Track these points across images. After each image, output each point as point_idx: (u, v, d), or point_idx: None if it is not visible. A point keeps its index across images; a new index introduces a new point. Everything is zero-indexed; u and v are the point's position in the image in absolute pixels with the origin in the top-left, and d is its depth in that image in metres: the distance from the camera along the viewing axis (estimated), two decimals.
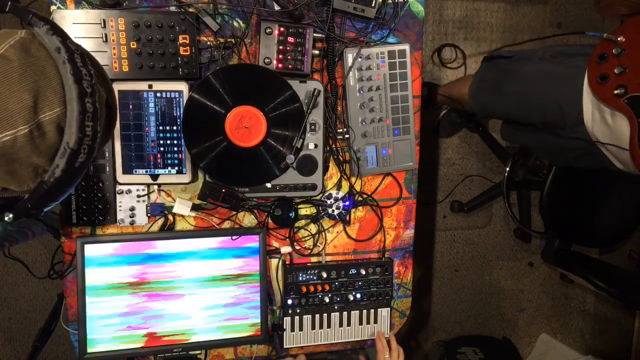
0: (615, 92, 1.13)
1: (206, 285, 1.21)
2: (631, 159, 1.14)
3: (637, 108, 1.10)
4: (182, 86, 1.10)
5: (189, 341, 1.22)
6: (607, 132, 1.21)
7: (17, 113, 0.53)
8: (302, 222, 1.28)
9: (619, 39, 1.14)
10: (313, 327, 1.29)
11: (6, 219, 0.60)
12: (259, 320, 1.25)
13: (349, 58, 1.19)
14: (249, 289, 1.23)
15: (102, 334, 1.16)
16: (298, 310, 1.27)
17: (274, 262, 1.28)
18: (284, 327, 1.27)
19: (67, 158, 0.57)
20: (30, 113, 0.54)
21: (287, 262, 1.28)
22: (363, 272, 1.28)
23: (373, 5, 1.16)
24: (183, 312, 1.20)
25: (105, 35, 1.06)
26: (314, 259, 1.30)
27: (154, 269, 1.17)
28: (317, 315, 1.29)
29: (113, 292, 1.16)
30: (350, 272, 1.28)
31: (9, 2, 0.60)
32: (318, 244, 1.30)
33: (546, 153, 1.61)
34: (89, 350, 1.15)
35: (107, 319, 1.16)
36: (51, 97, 0.56)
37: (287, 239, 1.27)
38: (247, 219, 1.25)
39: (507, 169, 2.17)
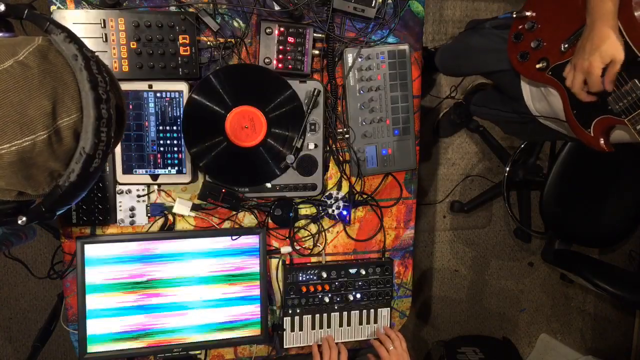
0: (538, 66, 1.11)
1: (206, 285, 1.21)
2: (572, 131, 1.11)
3: (563, 77, 1.06)
4: (182, 86, 1.10)
5: (189, 341, 1.22)
6: (547, 106, 1.20)
7: (36, 119, 0.54)
8: (302, 222, 1.28)
9: (527, 14, 1.13)
10: (313, 327, 1.29)
11: (20, 222, 0.60)
12: (259, 320, 1.25)
13: (349, 58, 1.19)
14: (249, 289, 1.23)
15: (102, 333, 1.16)
16: (298, 310, 1.27)
17: (274, 262, 1.28)
18: (284, 327, 1.27)
19: (82, 163, 0.58)
20: (49, 119, 0.54)
21: (287, 262, 1.28)
22: (363, 272, 1.28)
23: (373, 5, 1.16)
24: (183, 312, 1.20)
25: (105, 35, 1.06)
26: (314, 259, 1.30)
27: (154, 269, 1.17)
28: (317, 315, 1.29)
29: (113, 291, 1.16)
30: (350, 272, 1.28)
31: (26, 10, 0.61)
32: (318, 244, 1.30)
33: (509, 128, 1.63)
34: (89, 350, 1.15)
35: (107, 318, 1.16)
36: (69, 103, 0.56)
37: (287, 239, 1.27)
38: (247, 219, 1.25)
39: (507, 169, 2.17)
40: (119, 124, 0.65)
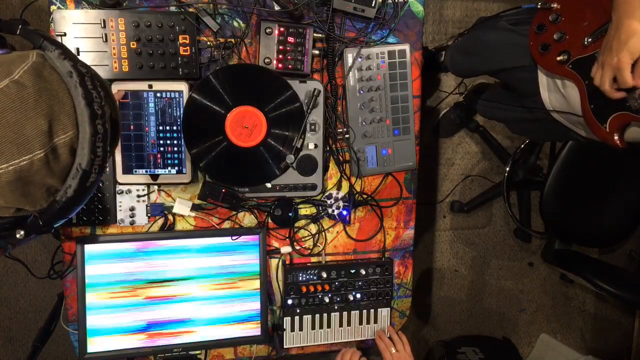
0: (559, 58, 1.11)
1: (206, 285, 1.21)
2: (587, 125, 1.11)
3: (583, 71, 1.07)
4: (182, 86, 1.10)
5: (189, 341, 1.22)
6: (563, 100, 1.20)
7: (33, 138, 0.54)
8: (302, 222, 1.28)
9: (553, 5, 1.13)
10: (313, 327, 1.29)
11: (18, 236, 0.61)
12: (259, 320, 1.25)
13: (349, 58, 1.19)
14: (249, 289, 1.23)
15: (102, 332, 1.16)
16: (298, 310, 1.27)
17: (274, 262, 1.28)
18: (284, 327, 1.27)
19: (79, 178, 0.58)
20: (45, 138, 0.55)
21: (287, 262, 1.28)
22: (363, 272, 1.28)
23: (373, 5, 1.16)
24: (183, 312, 1.20)
25: (105, 35, 1.06)
26: (314, 259, 1.30)
27: (155, 269, 1.17)
28: (317, 315, 1.29)
29: (113, 289, 1.16)
30: (350, 272, 1.28)
31: (20, 26, 0.61)
32: (318, 244, 1.30)
33: (518, 127, 1.62)
34: (89, 349, 1.15)
35: (107, 317, 1.16)
36: (65, 120, 0.56)
37: (287, 239, 1.27)
38: (247, 219, 1.25)
39: (507, 169, 2.17)
40: (114, 136, 0.66)
